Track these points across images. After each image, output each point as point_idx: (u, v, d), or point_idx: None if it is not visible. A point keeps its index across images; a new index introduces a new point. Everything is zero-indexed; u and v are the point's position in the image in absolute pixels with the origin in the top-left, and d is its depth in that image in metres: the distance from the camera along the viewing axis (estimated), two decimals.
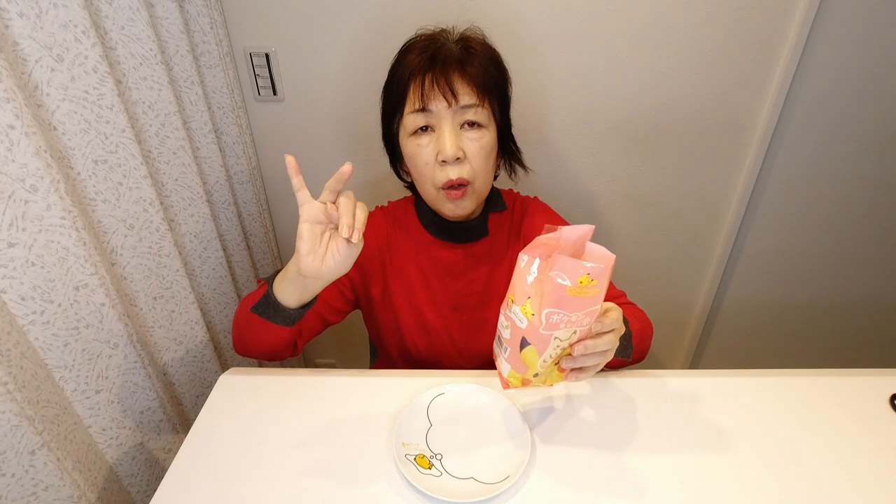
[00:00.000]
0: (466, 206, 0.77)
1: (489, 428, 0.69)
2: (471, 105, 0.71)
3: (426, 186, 0.76)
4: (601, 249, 0.54)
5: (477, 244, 0.84)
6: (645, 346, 0.77)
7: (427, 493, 0.59)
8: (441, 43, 0.73)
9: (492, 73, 0.73)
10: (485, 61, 0.73)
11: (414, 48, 0.73)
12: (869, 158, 1.16)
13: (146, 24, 0.82)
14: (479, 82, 0.71)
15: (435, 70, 0.70)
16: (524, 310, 0.55)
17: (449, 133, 0.71)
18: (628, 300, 0.83)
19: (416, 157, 0.74)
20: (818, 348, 1.50)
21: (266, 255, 1.30)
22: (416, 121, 0.72)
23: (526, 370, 0.59)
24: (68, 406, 0.76)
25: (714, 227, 1.27)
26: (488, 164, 0.76)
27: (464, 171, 0.73)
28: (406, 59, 0.73)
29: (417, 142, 0.73)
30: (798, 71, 1.03)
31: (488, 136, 0.74)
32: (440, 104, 0.70)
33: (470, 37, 0.75)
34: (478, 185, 0.75)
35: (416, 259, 0.85)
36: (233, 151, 1.13)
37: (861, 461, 0.64)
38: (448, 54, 0.71)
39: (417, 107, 0.71)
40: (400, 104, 0.73)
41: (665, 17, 1.00)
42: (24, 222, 0.66)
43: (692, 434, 0.68)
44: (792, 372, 0.77)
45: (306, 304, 0.69)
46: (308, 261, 0.61)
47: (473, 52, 0.73)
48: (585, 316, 0.54)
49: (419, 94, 0.70)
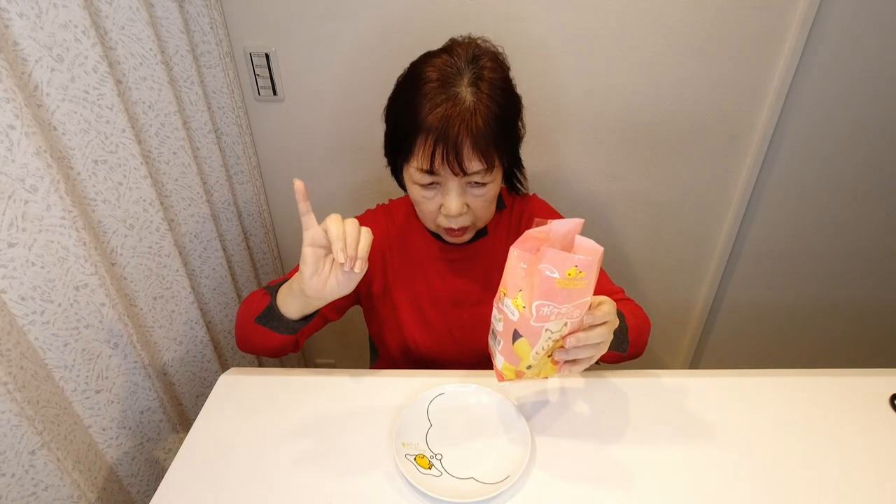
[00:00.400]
0: (467, 238, 0.80)
1: (489, 428, 0.69)
2: (478, 171, 0.69)
3: (427, 223, 0.80)
4: (589, 242, 0.55)
5: (477, 243, 0.85)
6: (641, 342, 0.77)
7: (427, 493, 0.59)
8: (453, 89, 0.67)
9: (502, 124, 0.69)
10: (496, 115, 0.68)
11: (425, 93, 0.67)
12: (869, 158, 1.16)
13: (146, 24, 0.82)
14: (488, 146, 0.68)
15: (447, 140, 0.66)
16: (515, 302, 0.56)
17: (455, 194, 0.71)
18: (626, 296, 0.83)
19: (420, 204, 0.75)
20: (818, 348, 1.49)
21: (266, 255, 1.30)
22: (423, 178, 0.71)
23: (519, 362, 0.59)
24: (68, 406, 0.76)
25: (714, 227, 1.27)
26: (491, 208, 0.78)
27: (466, 220, 0.75)
28: (416, 105, 0.67)
29: (423, 193, 0.73)
30: (798, 71, 1.03)
31: (494, 187, 0.74)
32: (447, 172, 0.69)
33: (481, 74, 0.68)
34: (479, 223, 0.79)
35: (417, 256, 0.86)
36: (233, 151, 1.13)
37: (861, 461, 0.64)
38: (460, 113, 0.66)
39: (424, 168, 0.69)
40: (406, 155, 0.71)
41: (665, 18, 1.00)
42: (24, 222, 0.66)
43: (692, 434, 0.68)
44: (792, 372, 0.77)
45: (308, 315, 0.70)
46: (312, 283, 0.62)
47: (484, 97, 0.67)
48: (575, 308, 0.55)
49: (428, 159, 0.67)
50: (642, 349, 0.78)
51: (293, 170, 1.22)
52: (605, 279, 0.85)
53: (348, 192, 1.26)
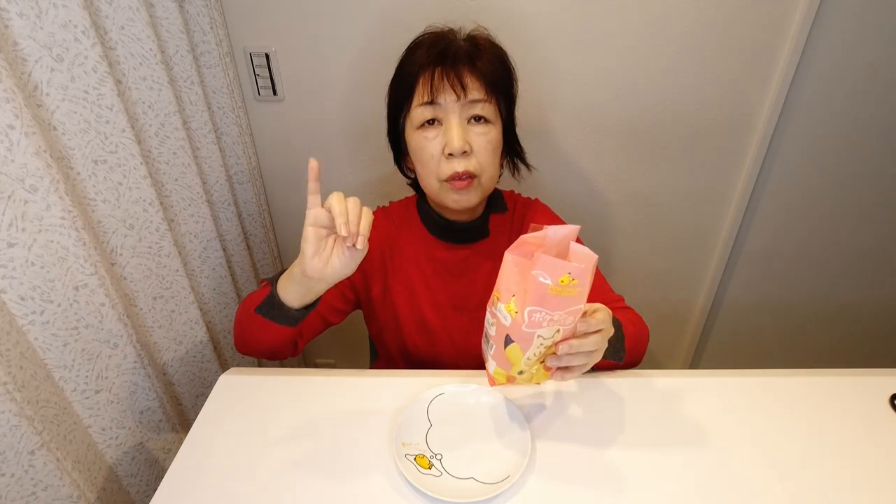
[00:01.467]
0: (471, 198, 0.76)
1: (489, 428, 0.69)
2: (479, 99, 0.72)
3: (430, 179, 0.76)
4: (584, 250, 0.55)
5: (478, 244, 0.84)
6: (639, 351, 0.77)
7: (427, 493, 0.59)
8: (450, 40, 0.74)
9: (499, 70, 0.75)
10: (493, 58, 0.74)
11: (423, 44, 0.74)
12: (869, 158, 1.16)
13: (146, 24, 0.82)
14: (487, 78, 0.72)
15: (445, 64, 0.71)
16: (508, 307, 0.55)
17: (457, 126, 0.72)
18: (626, 305, 0.83)
19: (423, 149, 0.74)
20: (818, 348, 1.49)
21: (266, 255, 1.30)
22: (424, 113, 0.72)
23: (511, 367, 0.59)
24: (68, 406, 0.76)
25: (714, 226, 1.27)
26: (494, 160, 0.76)
27: (470, 164, 0.73)
28: (415, 54, 0.74)
29: (424, 134, 0.73)
30: (798, 70, 1.03)
31: (495, 131, 0.75)
32: (449, 97, 0.71)
33: (477, 35, 0.76)
34: (484, 179, 0.76)
35: (417, 259, 0.85)
36: (233, 151, 1.13)
37: (861, 461, 0.64)
38: (457, 50, 0.72)
39: (426, 99, 0.71)
40: (408, 97, 0.74)
41: (666, 17, 1.00)
42: (24, 222, 0.66)
43: (692, 434, 0.68)
44: (792, 372, 0.77)
45: (309, 304, 0.69)
46: (313, 263, 0.62)
47: (482, 48, 0.74)
48: (568, 315, 0.55)
49: (428, 87, 0.71)
50: (640, 358, 0.78)
51: (293, 170, 1.22)
52: (605, 287, 0.84)
53: (349, 192, 1.25)
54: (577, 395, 0.74)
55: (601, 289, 0.83)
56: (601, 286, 0.83)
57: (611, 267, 1.34)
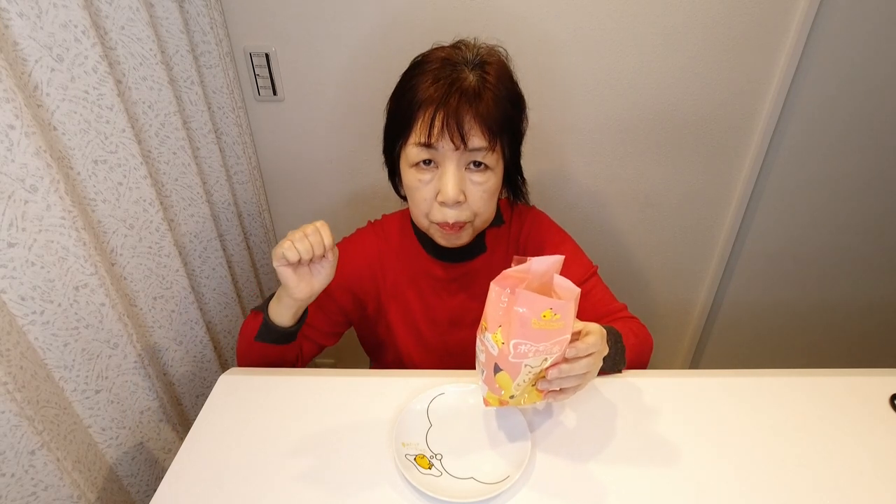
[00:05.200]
0: (462, 239, 0.75)
1: (489, 428, 0.69)
2: (480, 148, 0.66)
3: (420, 217, 0.74)
4: (567, 283, 0.56)
5: (475, 260, 0.82)
6: (641, 362, 0.77)
7: (427, 493, 0.59)
8: (456, 70, 0.66)
9: (506, 111, 0.68)
10: (500, 97, 0.67)
11: (428, 71, 0.67)
12: (869, 158, 1.16)
13: (146, 24, 0.82)
14: (491, 124, 0.66)
15: (447, 107, 0.64)
16: (495, 337, 0.56)
17: (452, 174, 0.67)
18: (629, 314, 0.82)
19: (416, 191, 0.71)
20: (818, 348, 1.50)
21: (266, 256, 1.30)
22: (420, 154, 0.68)
23: (502, 392, 0.60)
24: (68, 406, 0.76)
25: (714, 227, 1.27)
26: (490, 205, 0.73)
27: (463, 214, 0.70)
28: (417, 82, 0.67)
29: (419, 176, 0.69)
30: (798, 71, 1.03)
31: (494, 178, 0.70)
32: (447, 145, 0.65)
33: (488, 62, 0.68)
34: (477, 222, 0.73)
35: (412, 276, 0.83)
36: (233, 151, 1.13)
37: (861, 461, 0.64)
38: (462, 88, 0.65)
39: (422, 141, 0.66)
40: (405, 131, 0.68)
41: (665, 18, 1.00)
42: (24, 222, 0.66)
43: (692, 434, 0.68)
44: (792, 372, 0.77)
45: (301, 318, 0.76)
46: (300, 289, 0.69)
47: (489, 84, 0.66)
48: (554, 345, 0.56)
49: (426, 129, 0.65)
50: (643, 367, 0.78)
51: (293, 170, 1.22)
52: (607, 296, 0.83)
53: (347, 192, 1.26)
54: (577, 395, 0.74)
55: (604, 298, 0.82)
56: (603, 296, 0.83)
57: (611, 267, 1.34)
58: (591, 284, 0.82)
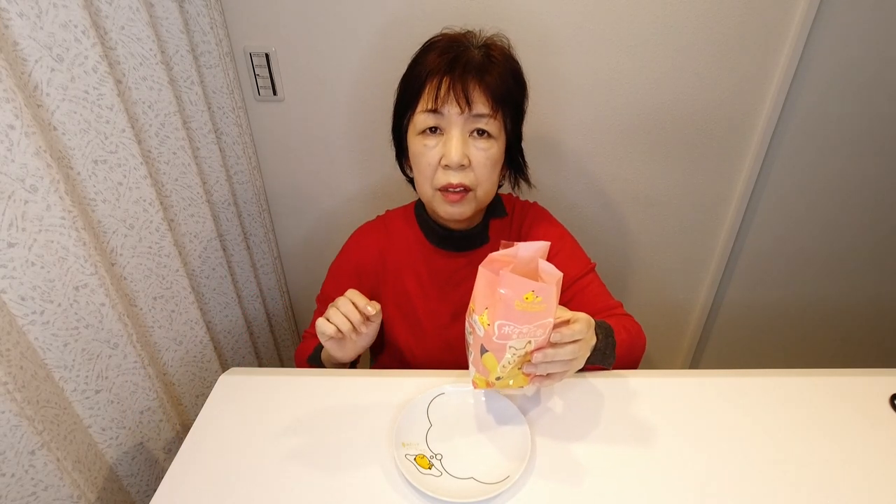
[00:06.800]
0: (464, 210, 0.76)
1: (489, 428, 0.69)
2: (484, 114, 0.70)
3: (424, 186, 0.76)
4: (550, 267, 0.57)
5: (478, 251, 0.84)
6: (632, 358, 0.77)
7: (427, 493, 0.59)
8: (463, 47, 0.72)
9: (509, 85, 0.73)
10: (504, 71, 0.72)
11: (436, 47, 0.73)
12: (869, 158, 1.16)
13: (146, 24, 0.82)
14: (495, 92, 0.70)
15: (453, 74, 0.69)
16: (482, 319, 0.58)
17: (457, 139, 0.71)
18: (624, 312, 0.82)
19: (421, 156, 0.74)
20: (818, 348, 1.49)
21: (266, 256, 1.30)
22: (427, 121, 0.72)
23: (488, 374, 0.62)
24: (68, 406, 0.76)
25: (714, 227, 1.27)
26: (493, 175, 0.75)
27: (466, 177, 0.73)
28: (426, 57, 0.72)
29: (424, 142, 0.73)
30: (798, 71, 1.03)
31: (496, 147, 0.73)
32: (452, 109, 0.70)
33: (493, 44, 0.74)
34: (479, 193, 0.75)
35: (414, 269, 0.84)
36: (233, 151, 1.13)
37: (861, 461, 0.64)
38: (468, 59, 0.70)
39: (429, 107, 0.71)
40: (413, 101, 0.73)
41: (665, 18, 1.00)
42: (24, 222, 0.66)
43: (692, 434, 0.68)
44: (792, 372, 0.77)
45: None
46: (347, 355, 0.76)
47: (494, 60, 0.72)
48: (538, 328, 0.57)
49: (433, 95, 0.70)
50: (634, 365, 0.78)
51: (293, 170, 1.22)
52: (603, 293, 0.83)
53: (348, 192, 1.26)
54: (577, 395, 0.74)
55: (599, 295, 0.83)
56: (599, 293, 0.83)
57: (611, 267, 1.34)
58: (588, 280, 0.83)
